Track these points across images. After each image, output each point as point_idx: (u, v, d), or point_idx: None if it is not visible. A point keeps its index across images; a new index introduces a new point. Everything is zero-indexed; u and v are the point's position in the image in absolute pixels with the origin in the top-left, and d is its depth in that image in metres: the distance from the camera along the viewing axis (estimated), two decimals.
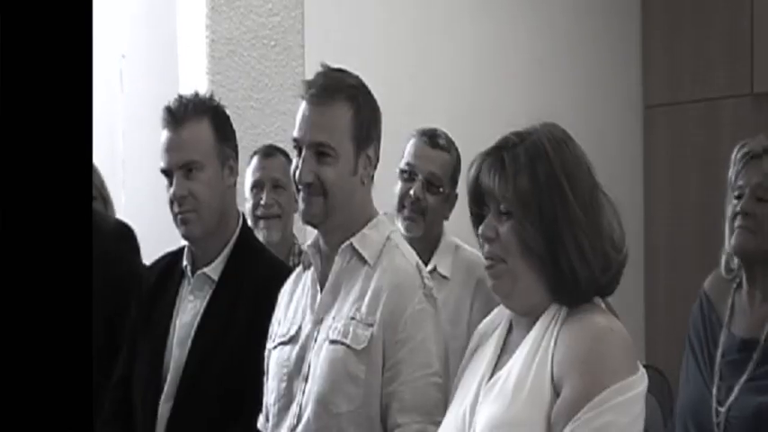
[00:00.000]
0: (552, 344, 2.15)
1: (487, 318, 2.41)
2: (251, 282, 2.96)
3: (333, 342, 2.59)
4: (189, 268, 3.03)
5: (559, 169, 2.19)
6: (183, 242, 3.05)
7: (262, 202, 3.74)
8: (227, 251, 3.02)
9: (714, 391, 2.99)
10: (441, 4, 5.29)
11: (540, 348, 2.16)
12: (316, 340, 2.63)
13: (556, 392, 2.10)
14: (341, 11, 4.86)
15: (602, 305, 2.20)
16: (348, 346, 2.58)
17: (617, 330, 2.15)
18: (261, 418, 2.78)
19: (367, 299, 2.60)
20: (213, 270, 2.99)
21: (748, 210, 2.93)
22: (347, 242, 2.63)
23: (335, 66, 2.81)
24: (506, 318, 2.30)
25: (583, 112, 5.43)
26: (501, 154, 2.19)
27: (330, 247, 2.67)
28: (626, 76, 6.09)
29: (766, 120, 5.52)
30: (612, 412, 2.06)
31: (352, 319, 2.59)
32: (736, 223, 2.97)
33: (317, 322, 2.64)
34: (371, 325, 2.57)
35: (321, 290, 2.67)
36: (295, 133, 2.63)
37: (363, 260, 2.64)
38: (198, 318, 2.98)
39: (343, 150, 2.62)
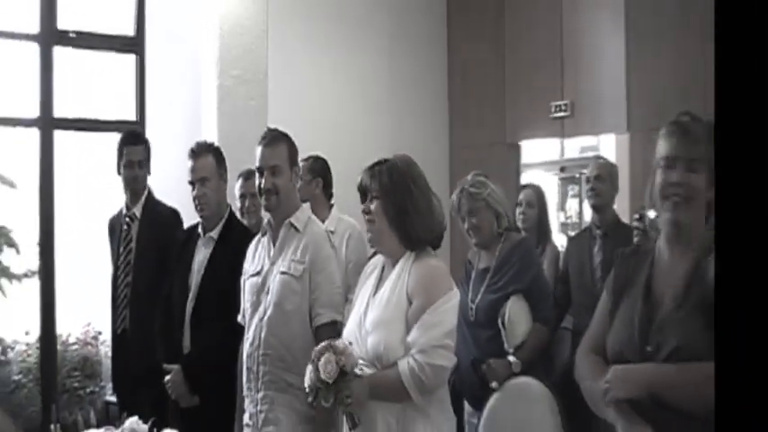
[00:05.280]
0: (407, 275, 2.32)
1: (371, 261, 2.56)
2: (235, 241, 3.23)
3: (282, 273, 2.85)
4: (202, 233, 3.39)
5: (407, 176, 2.37)
6: (198, 219, 3.41)
7: (246, 206, 3.97)
8: (221, 224, 3.35)
9: (470, 296, 3.29)
10: (355, 82, 5.70)
11: (400, 278, 2.33)
12: (272, 273, 2.87)
13: (410, 302, 2.28)
14: (293, 97, 5.34)
15: (433, 253, 2.40)
16: (291, 275, 2.83)
17: (441, 267, 2.36)
18: (239, 316, 3.04)
19: (300, 249, 2.85)
20: (215, 234, 3.35)
21: (469, 229, 3.28)
22: (287, 220, 2.90)
23: (279, 125, 3.07)
24: (381, 262, 2.48)
25: (409, 150, 4.81)
26: (374, 167, 2.40)
27: (276, 223, 2.93)
28: (437, 123, 6.16)
29: (515, 164, 5.84)
30: (443, 313, 2.24)
31: (293, 260, 2.84)
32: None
33: (272, 264, 2.90)
34: (303, 262, 2.83)
35: (274, 246, 2.92)
36: (258, 163, 2.93)
37: (297, 229, 2.89)
38: (206, 258, 3.32)
39: (284, 169, 2.88)
